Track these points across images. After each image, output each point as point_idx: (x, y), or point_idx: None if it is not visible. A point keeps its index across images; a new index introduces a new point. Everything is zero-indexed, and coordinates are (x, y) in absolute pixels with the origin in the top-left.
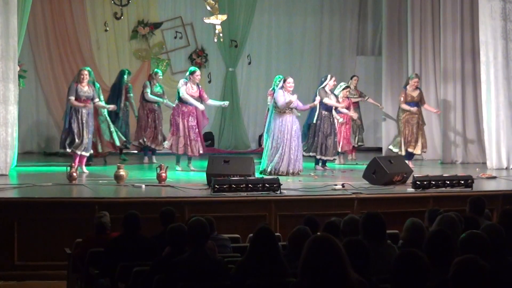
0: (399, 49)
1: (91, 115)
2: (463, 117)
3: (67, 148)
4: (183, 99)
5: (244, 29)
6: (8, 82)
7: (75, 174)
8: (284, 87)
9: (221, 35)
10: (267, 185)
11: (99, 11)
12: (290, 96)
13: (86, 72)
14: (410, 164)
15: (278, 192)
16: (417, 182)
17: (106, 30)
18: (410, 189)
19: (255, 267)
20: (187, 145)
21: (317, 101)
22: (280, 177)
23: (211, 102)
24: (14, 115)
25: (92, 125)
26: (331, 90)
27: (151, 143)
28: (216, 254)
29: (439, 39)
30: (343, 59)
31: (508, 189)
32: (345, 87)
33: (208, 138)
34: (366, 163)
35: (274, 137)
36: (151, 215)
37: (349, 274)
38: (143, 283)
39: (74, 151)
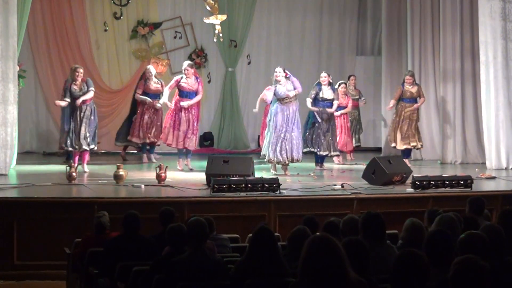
0: (398, 49)
1: (93, 111)
2: (463, 117)
3: (68, 147)
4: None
5: (244, 29)
6: (7, 82)
7: (74, 174)
8: (274, 77)
9: (220, 35)
10: (266, 185)
11: (98, 11)
12: (284, 88)
13: (80, 70)
14: (407, 162)
15: (278, 192)
16: (417, 182)
17: (106, 30)
18: (410, 189)
19: (255, 267)
20: (187, 138)
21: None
22: (279, 177)
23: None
24: (14, 115)
25: (94, 120)
26: (330, 84)
27: (144, 139)
28: (216, 254)
29: (438, 39)
30: (343, 59)
31: (508, 189)
32: (340, 84)
33: (208, 138)
34: (365, 163)
35: (276, 125)
36: (150, 215)
37: (349, 274)
38: (142, 283)
39: (75, 148)
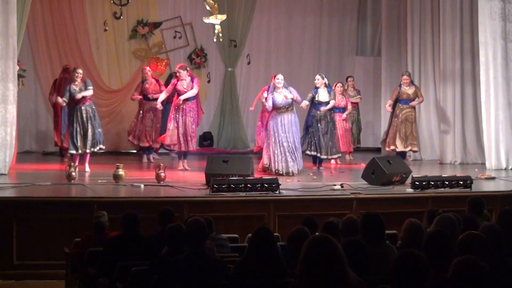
0: (398, 50)
1: (94, 112)
2: (462, 118)
3: (73, 150)
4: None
5: (244, 29)
6: (7, 82)
7: (74, 174)
8: (272, 84)
9: (220, 35)
10: (266, 185)
11: (98, 11)
12: (281, 96)
13: (80, 71)
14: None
15: (277, 192)
16: (416, 183)
17: (106, 30)
18: (409, 190)
19: (254, 267)
20: (187, 141)
21: (305, 105)
22: (279, 177)
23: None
24: (13, 115)
25: (96, 119)
26: (326, 86)
27: (144, 142)
28: (215, 254)
29: (438, 39)
30: (342, 59)
31: (507, 189)
32: (337, 83)
33: (207, 137)
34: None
35: (274, 137)
36: (150, 214)
37: (348, 275)
38: (141, 282)
39: (79, 152)
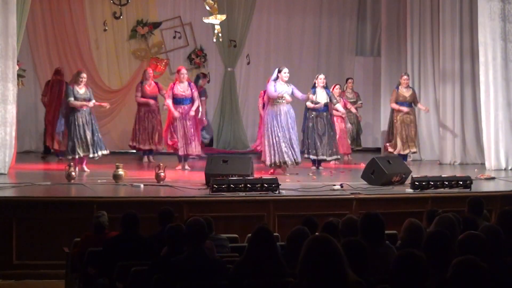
0: (398, 50)
1: (93, 114)
2: (462, 118)
3: (75, 154)
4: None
5: (243, 29)
6: (7, 82)
7: (73, 174)
8: (279, 78)
9: (220, 35)
10: (265, 185)
11: (98, 11)
12: (284, 87)
13: (84, 75)
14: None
15: (277, 192)
16: (416, 183)
17: (105, 30)
18: (409, 190)
19: (254, 267)
20: (187, 145)
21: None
22: (278, 177)
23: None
24: (13, 114)
25: (94, 123)
26: (324, 87)
27: (146, 145)
28: (215, 254)
29: (438, 39)
30: (342, 60)
31: (507, 190)
32: (334, 85)
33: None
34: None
35: (270, 130)
36: (149, 214)
37: (348, 275)
38: (141, 282)
39: (81, 156)
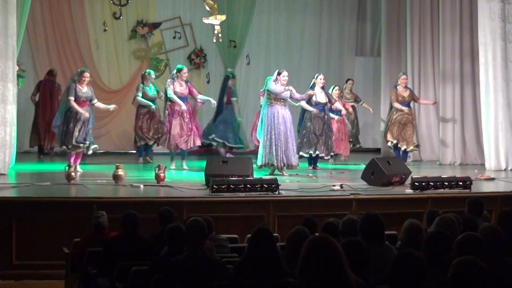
0: (398, 50)
1: (91, 114)
2: (462, 118)
3: (67, 146)
4: (171, 99)
5: (243, 29)
6: (7, 82)
7: (73, 174)
8: (278, 80)
9: (220, 35)
10: (265, 185)
11: (98, 11)
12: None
13: (88, 74)
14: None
15: (277, 193)
16: (416, 183)
17: (105, 30)
18: (409, 190)
19: (253, 267)
20: (188, 140)
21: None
22: (278, 177)
23: (200, 97)
24: (13, 115)
25: (92, 122)
26: (322, 88)
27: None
28: (214, 254)
29: (438, 40)
30: (342, 60)
31: (507, 190)
32: (334, 87)
33: None
34: (358, 163)
35: (267, 130)
36: (149, 215)
37: (348, 275)
38: (141, 283)
39: (73, 150)
